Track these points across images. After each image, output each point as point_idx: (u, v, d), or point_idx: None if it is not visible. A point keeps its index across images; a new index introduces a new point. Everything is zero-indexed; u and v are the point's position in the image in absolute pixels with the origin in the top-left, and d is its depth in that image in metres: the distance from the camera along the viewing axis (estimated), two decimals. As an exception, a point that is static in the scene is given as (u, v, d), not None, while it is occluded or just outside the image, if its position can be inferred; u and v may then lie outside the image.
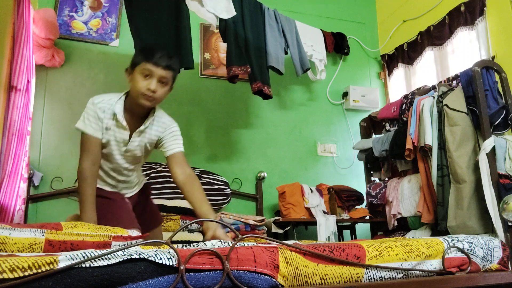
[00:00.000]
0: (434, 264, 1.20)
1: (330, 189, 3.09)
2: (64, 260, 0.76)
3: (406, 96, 2.96)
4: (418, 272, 1.15)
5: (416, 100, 2.70)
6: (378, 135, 3.25)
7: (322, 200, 3.00)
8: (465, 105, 2.41)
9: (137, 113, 1.70)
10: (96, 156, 1.66)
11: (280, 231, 2.82)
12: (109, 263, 0.79)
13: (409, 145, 2.61)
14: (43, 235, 1.23)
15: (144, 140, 1.74)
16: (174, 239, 1.59)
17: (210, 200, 1.74)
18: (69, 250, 1.04)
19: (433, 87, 2.84)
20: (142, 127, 1.70)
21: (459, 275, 1.20)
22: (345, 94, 3.67)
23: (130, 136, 1.70)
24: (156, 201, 2.36)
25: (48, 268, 0.75)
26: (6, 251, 1.05)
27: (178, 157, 1.72)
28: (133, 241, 1.42)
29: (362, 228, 3.34)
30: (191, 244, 1.01)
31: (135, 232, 1.48)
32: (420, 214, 2.57)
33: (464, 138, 2.36)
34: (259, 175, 3.24)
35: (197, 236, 2.56)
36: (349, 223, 3.13)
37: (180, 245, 1.00)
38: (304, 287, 0.99)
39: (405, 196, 2.76)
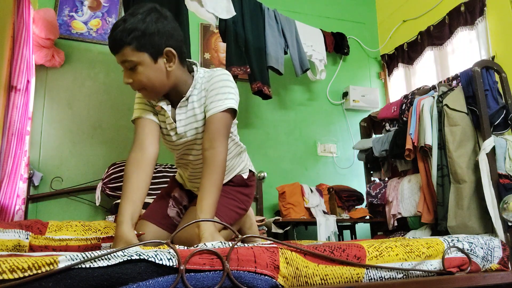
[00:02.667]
0: (434, 264, 1.20)
1: (330, 189, 3.09)
2: (64, 260, 0.76)
3: (406, 96, 2.96)
4: (418, 272, 1.15)
5: (416, 100, 2.70)
6: (378, 135, 3.25)
7: (322, 200, 3.00)
8: (465, 105, 2.41)
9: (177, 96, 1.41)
10: (142, 140, 1.35)
11: (280, 231, 2.82)
12: (109, 263, 0.79)
13: (409, 145, 2.61)
14: (27, 238, 1.21)
15: (196, 116, 1.39)
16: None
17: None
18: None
19: (433, 87, 2.84)
20: (184, 99, 1.38)
21: (459, 275, 1.20)
22: (345, 94, 3.67)
23: (175, 120, 1.41)
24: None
25: (48, 268, 0.75)
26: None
27: (209, 122, 1.34)
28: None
29: (362, 228, 3.34)
30: (191, 244, 1.01)
31: None
32: (420, 214, 2.57)
33: (464, 138, 2.36)
34: (259, 175, 3.24)
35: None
36: (349, 223, 3.13)
37: (181, 246, 1.00)
38: (304, 287, 0.99)
39: (405, 196, 2.76)
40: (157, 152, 1.38)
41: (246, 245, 1.00)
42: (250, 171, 1.70)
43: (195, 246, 0.96)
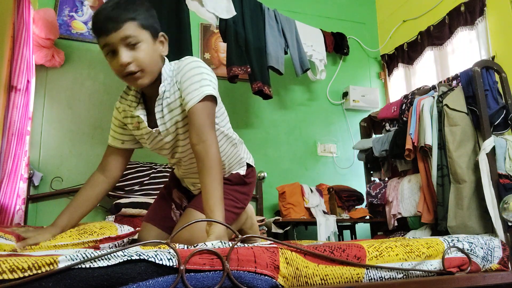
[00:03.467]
0: (434, 264, 1.20)
1: (330, 189, 3.09)
2: (64, 260, 0.76)
3: (406, 96, 2.96)
4: (418, 272, 1.15)
5: (416, 100, 2.70)
6: (378, 135, 3.26)
7: (322, 200, 3.00)
8: (465, 105, 2.41)
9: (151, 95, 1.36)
10: (106, 164, 1.46)
11: (280, 231, 2.82)
12: (109, 263, 0.79)
13: (409, 145, 2.61)
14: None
15: (173, 112, 1.32)
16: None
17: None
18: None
19: (433, 87, 2.84)
20: (158, 98, 1.31)
21: (459, 275, 1.20)
22: (345, 94, 3.67)
23: (154, 119, 1.35)
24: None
25: (48, 268, 0.75)
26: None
27: (190, 116, 1.25)
28: (125, 240, 1.41)
29: (362, 228, 3.34)
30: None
31: (125, 228, 1.47)
32: (420, 214, 2.58)
33: (464, 138, 2.36)
34: (259, 175, 3.24)
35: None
36: (349, 223, 3.13)
37: (181, 245, 0.99)
38: (305, 287, 0.98)
39: (405, 196, 2.76)
40: (117, 177, 1.48)
41: (246, 245, 1.00)
42: (248, 165, 1.60)
43: (194, 246, 0.96)
